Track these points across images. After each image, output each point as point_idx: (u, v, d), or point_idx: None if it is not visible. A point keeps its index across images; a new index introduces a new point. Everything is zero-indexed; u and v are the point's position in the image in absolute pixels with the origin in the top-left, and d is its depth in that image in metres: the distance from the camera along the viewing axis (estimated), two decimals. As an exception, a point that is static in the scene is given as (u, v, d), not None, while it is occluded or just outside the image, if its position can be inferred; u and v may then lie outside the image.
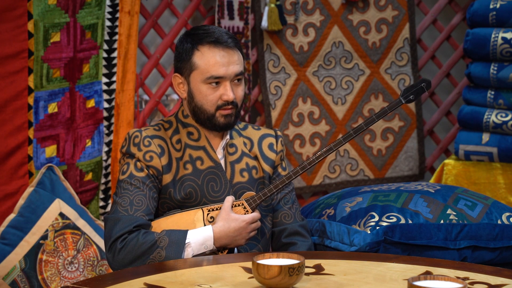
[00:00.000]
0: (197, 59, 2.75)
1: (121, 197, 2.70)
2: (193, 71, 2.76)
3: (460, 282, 2.09)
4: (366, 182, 4.61)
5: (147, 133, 2.77)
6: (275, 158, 2.90)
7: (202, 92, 2.76)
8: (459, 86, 4.65)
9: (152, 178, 2.73)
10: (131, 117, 3.93)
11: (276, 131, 2.95)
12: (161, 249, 2.61)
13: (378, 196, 3.17)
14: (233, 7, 4.26)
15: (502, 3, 4.06)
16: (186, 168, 2.77)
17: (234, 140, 2.86)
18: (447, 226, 3.05)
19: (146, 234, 2.63)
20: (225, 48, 2.75)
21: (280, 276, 2.18)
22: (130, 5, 3.86)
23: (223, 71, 2.73)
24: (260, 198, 2.72)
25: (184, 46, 2.78)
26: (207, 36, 2.76)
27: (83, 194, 3.77)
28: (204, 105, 2.76)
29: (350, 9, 4.51)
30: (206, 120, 2.77)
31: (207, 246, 2.65)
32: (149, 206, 2.70)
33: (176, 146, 2.79)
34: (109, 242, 2.66)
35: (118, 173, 2.77)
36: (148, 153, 2.74)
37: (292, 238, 2.89)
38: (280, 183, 2.73)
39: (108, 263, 2.68)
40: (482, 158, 4.15)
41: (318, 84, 4.52)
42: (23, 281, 3.40)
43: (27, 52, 3.48)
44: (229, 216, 2.68)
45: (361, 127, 2.78)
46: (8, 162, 3.49)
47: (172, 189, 2.75)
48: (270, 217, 2.88)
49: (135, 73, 3.94)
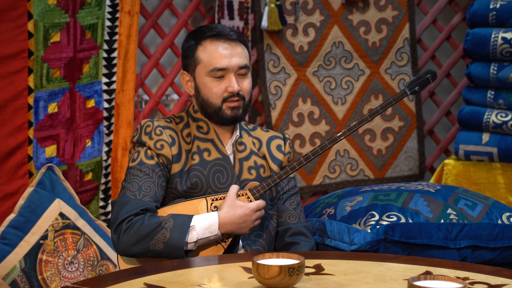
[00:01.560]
0: (200, 53, 2.79)
1: (130, 182, 2.72)
2: (197, 65, 2.80)
3: (460, 282, 2.08)
4: (366, 182, 4.61)
5: (159, 123, 2.80)
6: (282, 158, 2.93)
7: (207, 85, 2.78)
8: (459, 86, 4.65)
9: (161, 167, 2.75)
10: (131, 117, 3.94)
11: (284, 134, 2.99)
12: (166, 230, 2.62)
13: (378, 195, 3.17)
14: (233, 7, 4.26)
15: (502, 3, 4.06)
16: (193, 159, 2.79)
17: (243, 138, 2.89)
18: (447, 226, 3.05)
19: (152, 217, 2.65)
20: (227, 41, 2.79)
21: (280, 276, 2.18)
22: (130, 5, 3.86)
23: (226, 63, 2.76)
24: (263, 188, 2.74)
25: (188, 43, 2.83)
26: (209, 30, 2.81)
27: (83, 194, 3.77)
28: (210, 98, 2.78)
29: (350, 9, 4.51)
30: (213, 114, 2.80)
31: (212, 231, 2.66)
32: (157, 193, 2.72)
33: (186, 139, 2.82)
34: (115, 224, 2.67)
35: (128, 161, 2.79)
36: (159, 141, 2.76)
37: (295, 238, 2.90)
38: (284, 173, 2.75)
39: (113, 244, 2.68)
40: (482, 158, 4.15)
41: (318, 84, 4.52)
42: (23, 281, 3.40)
43: (27, 52, 3.48)
44: (235, 203, 2.69)
45: (365, 118, 2.79)
46: (8, 162, 3.50)
47: (179, 178, 2.77)
48: (276, 217, 2.89)
49: (135, 73, 3.94)
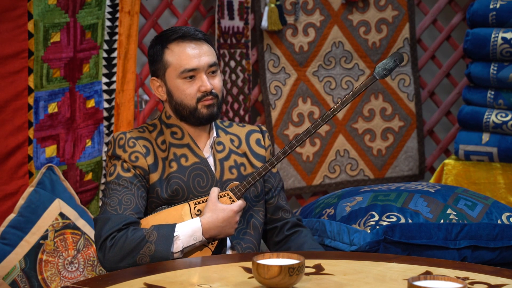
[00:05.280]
0: (168, 56, 2.78)
1: (109, 197, 2.71)
2: (167, 69, 2.79)
3: (460, 282, 2.09)
4: (366, 182, 4.61)
5: (132, 135, 2.78)
6: (265, 153, 2.93)
7: (180, 88, 2.77)
8: (459, 86, 4.66)
9: (139, 178, 2.74)
10: (131, 117, 3.94)
11: (260, 126, 2.98)
12: (151, 243, 2.61)
13: (378, 195, 3.17)
14: (233, 7, 4.26)
15: (502, 3, 4.06)
16: (171, 166, 2.78)
17: (221, 138, 2.88)
18: (447, 226, 3.05)
19: (135, 231, 2.64)
20: (193, 40, 2.78)
21: (280, 276, 2.18)
22: (130, 5, 3.86)
23: (195, 63, 2.75)
24: (244, 186, 2.74)
25: (155, 48, 2.82)
26: (174, 33, 2.80)
27: (83, 194, 3.77)
28: (184, 100, 2.77)
29: (350, 9, 4.51)
30: (189, 115, 2.78)
31: (196, 237, 2.66)
32: (138, 204, 2.71)
33: (162, 147, 2.80)
34: (99, 242, 2.66)
35: (106, 177, 2.77)
36: (134, 153, 2.75)
37: (294, 229, 2.93)
38: (263, 170, 2.75)
39: (100, 262, 2.68)
40: (482, 158, 4.15)
41: (318, 84, 4.53)
42: (23, 281, 3.40)
43: (27, 52, 3.48)
44: (217, 207, 2.69)
45: (337, 108, 2.75)
46: (8, 162, 3.49)
47: (159, 187, 2.76)
48: (262, 212, 2.89)
49: (135, 73, 3.94)
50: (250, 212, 2.84)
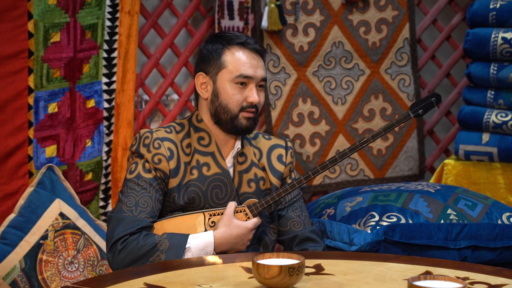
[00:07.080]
0: (227, 57, 2.77)
1: (127, 196, 2.70)
2: (222, 69, 2.77)
3: (460, 282, 2.09)
4: (366, 182, 4.61)
5: (158, 135, 2.76)
6: (283, 170, 2.89)
7: (229, 92, 2.76)
8: (459, 86, 4.66)
9: (159, 181, 2.73)
10: (131, 117, 3.94)
11: (286, 142, 2.95)
12: (161, 252, 2.60)
13: (378, 196, 3.17)
14: (233, 7, 4.26)
15: (502, 3, 4.06)
16: (192, 174, 2.76)
17: (245, 149, 2.85)
18: (447, 226, 3.05)
19: (147, 237, 2.63)
20: (254, 51, 2.79)
21: (280, 276, 2.18)
22: (130, 5, 3.86)
23: (252, 72, 2.76)
24: (262, 205, 2.72)
25: (214, 45, 2.80)
26: (237, 37, 2.80)
27: (83, 194, 3.77)
28: (229, 104, 2.76)
29: (350, 9, 4.51)
30: (228, 121, 2.77)
31: (207, 251, 2.65)
32: (154, 208, 2.70)
33: (186, 150, 2.78)
34: (110, 242, 2.66)
35: (126, 172, 2.77)
36: (157, 155, 2.74)
37: (303, 245, 2.88)
38: (283, 191, 2.72)
39: (108, 262, 2.68)
40: (482, 158, 4.15)
41: (318, 84, 4.52)
42: (23, 281, 3.40)
43: (27, 52, 3.48)
44: (231, 223, 2.67)
45: (367, 140, 2.75)
46: (8, 162, 3.49)
47: (177, 193, 2.74)
48: (274, 229, 2.87)
49: (135, 73, 3.94)
50: (262, 228, 2.83)
